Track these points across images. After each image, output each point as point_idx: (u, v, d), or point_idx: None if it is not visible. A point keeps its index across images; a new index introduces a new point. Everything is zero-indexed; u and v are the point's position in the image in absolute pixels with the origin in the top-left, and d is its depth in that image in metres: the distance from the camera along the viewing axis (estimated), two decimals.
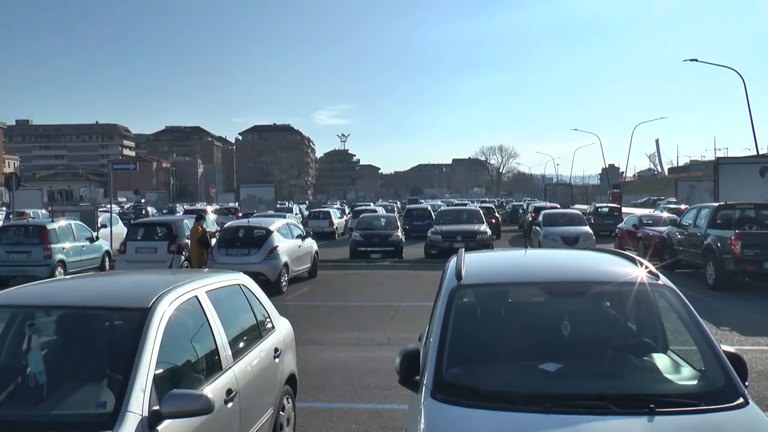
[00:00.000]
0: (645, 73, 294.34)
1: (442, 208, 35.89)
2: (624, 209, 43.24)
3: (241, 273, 6.04)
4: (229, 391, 4.50)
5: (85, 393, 3.87)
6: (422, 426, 3.36)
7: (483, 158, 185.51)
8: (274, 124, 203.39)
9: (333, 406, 7.50)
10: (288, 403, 6.02)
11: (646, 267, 4.45)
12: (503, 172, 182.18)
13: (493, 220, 32.76)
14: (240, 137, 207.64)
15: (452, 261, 4.77)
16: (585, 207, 50.70)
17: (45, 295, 4.87)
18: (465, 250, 4.95)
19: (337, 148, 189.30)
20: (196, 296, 4.69)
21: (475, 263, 4.74)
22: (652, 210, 43.61)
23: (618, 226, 27.98)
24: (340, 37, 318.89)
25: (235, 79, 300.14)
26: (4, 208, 45.15)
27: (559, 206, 39.97)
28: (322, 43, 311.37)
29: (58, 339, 4.59)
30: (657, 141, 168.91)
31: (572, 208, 37.67)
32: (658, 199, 74.66)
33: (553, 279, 4.56)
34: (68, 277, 6.12)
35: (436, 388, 3.56)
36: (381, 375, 8.64)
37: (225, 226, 19.17)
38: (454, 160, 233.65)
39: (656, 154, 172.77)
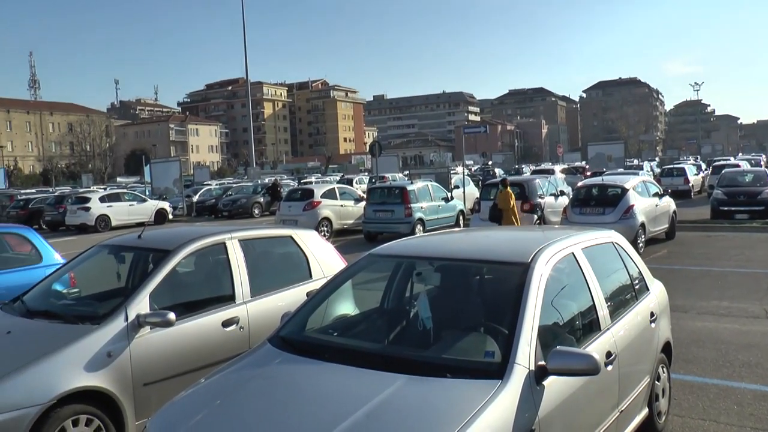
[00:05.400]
0: None
1: None
2: None
3: (613, 231, 5.72)
4: (608, 354, 4.26)
5: (470, 341, 3.95)
6: None
7: None
8: (620, 78, 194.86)
9: (707, 382, 6.81)
10: (663, 372, 5.58)
11: None
12: None
13: None
14: (584, 95, 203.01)
15: None
16: None
17: (427, 247, 5.13)
18: None
19: (688, 99, 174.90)
20: (573, 253, 4.52)
21: None
22: None
23: None
24: None
25: (577, 36, 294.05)
26: (366, 173, 50.39)
27: None
28: None
29: (440, 288, 4.79)
30: None
31: None
32: None
33: None
34: (445, 232, 6.49)
35: None
36: (762, 352, 7.67)
37: (578, 184, 18.81)
38: None
39: None
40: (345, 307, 4.99)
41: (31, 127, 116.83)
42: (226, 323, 5.74)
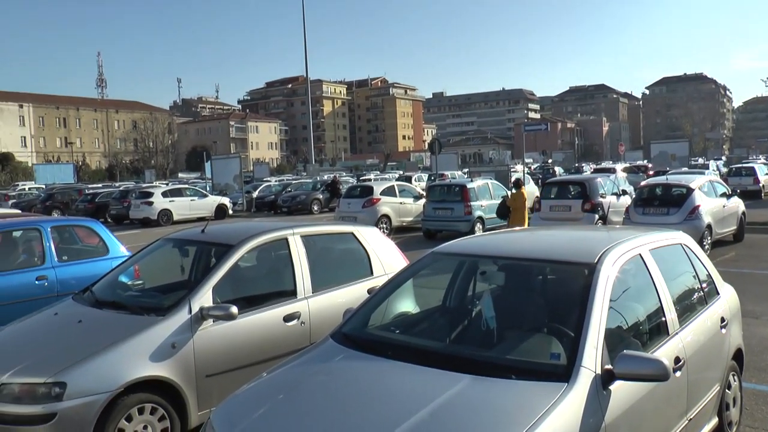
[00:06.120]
0: None
1: None
2: None
3: (681, 231, 5.55)
4: (677, 359, 4.13)
5: (534, 342, 3.89)
6: None
7: None
8: (684, 74, 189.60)
9: None
10: (734, 381, 5.36)
11: None
12: None
13: None
14: (647, 91, 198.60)
15: None
16: None
17: (491, 246, 5.05)
18: None
19: (759, 95, 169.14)
20: (640, 254, 4.39)
21: None
22: None
23: None
24: None
25: (640, 31, 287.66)
26: (424, 171, 50.34)
27: None
28: None
29: (503, 287, 4.73)
30: None
31: None
32: None
33: None
34: (509, 230, 6.40)
35: None
36: None
37: (641, 184, 18.37)
38: None
39: None
40: (407, 304, 4.97)
41: (98, 124, 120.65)
42: (287, 318, 5.80)
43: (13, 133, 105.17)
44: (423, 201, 21.94)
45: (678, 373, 4.10)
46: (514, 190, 16.36)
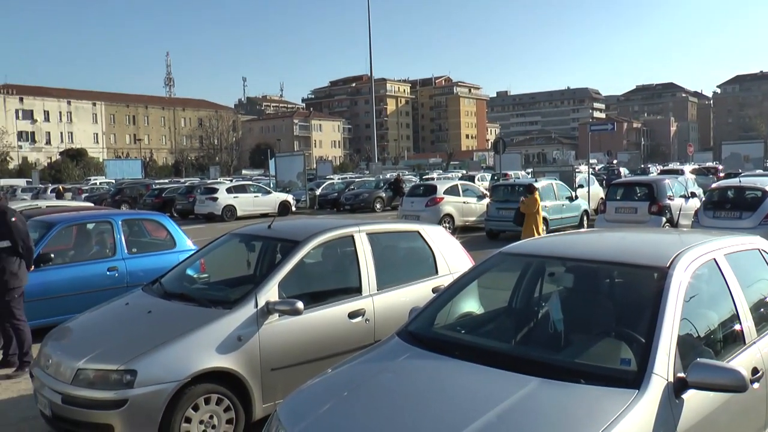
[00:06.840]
0: None
1: None
2: None
3: (758, 236, 5.33)
4: (754, 370, 3.96)
5: (603, 347, 3.80)
6: None
7: None
8: (761, 72, 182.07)
9: None
10: None
11: None
12: None
13: None
14: (718, 90, 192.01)
15: None
16: None
17: (560, 247, 4.97)
18: None
19: None
20: (714, 258, 4.23)
21: None
22: None
23: None
24: None
25: (712, 28, 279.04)
26: (487, 170, 49.94)
27: None
28: None
29: (570, 290, 4.65)
30: None
31: None
32: None
33: None
34: (576, 232, 6.28)
35: None
36: None
37: (712, 186, 17.78)
38: None
39: None
40: (472, 304, 4.93)
41: (166, 121, 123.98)
42: (352, 315, 5.83)
43: (87, 130, 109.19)
44: (486, 201, 21.77)
45: (756, 385, 3.91)
46: (527, 195, 16.03)
